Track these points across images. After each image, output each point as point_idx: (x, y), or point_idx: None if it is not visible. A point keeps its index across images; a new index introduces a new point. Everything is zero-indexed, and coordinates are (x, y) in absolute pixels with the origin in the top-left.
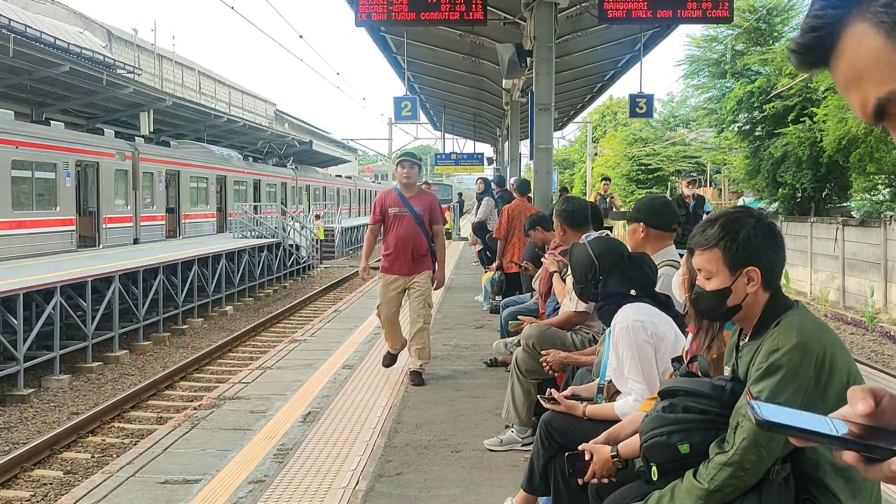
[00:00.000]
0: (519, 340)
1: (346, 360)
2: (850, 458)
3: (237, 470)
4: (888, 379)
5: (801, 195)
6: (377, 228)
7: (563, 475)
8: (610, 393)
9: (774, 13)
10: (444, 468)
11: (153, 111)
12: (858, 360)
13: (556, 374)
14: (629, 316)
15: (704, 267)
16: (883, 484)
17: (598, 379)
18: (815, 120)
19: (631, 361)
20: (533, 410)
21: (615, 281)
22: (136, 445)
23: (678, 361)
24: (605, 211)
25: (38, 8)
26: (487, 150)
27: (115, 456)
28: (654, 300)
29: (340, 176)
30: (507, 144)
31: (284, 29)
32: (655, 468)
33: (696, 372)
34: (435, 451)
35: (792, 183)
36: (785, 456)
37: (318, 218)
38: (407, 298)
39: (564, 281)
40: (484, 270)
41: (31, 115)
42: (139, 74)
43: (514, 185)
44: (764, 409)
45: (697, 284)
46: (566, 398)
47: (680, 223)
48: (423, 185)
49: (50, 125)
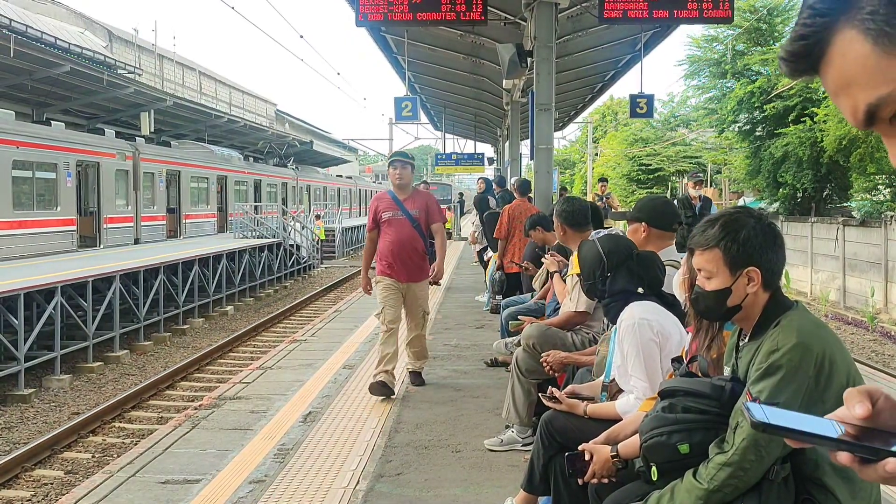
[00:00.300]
0: (519, 340)
1: (346, 360)
2: (845, 458)
3: (237, 470)
4: (888, 379)
5: (801, 195)
6: (375, 236)
7: (563, 475)
8: (613, 392)
9: (775, 13)
10: (444, 468)
11: (154, 111)
12: (859, 360)
13: (556, 374)
14: (636, 313)
15: (704, 267)
16: (883, 485)
17: (601, 377)
18: (815, 120)
19: (635, 359)
20: (533, 410)
21: (623, 278)
22: (136, 445)
23: (678, 361)
24: (603, 211)
25: (38, 8)
26: (488, 150)
27: (115, 456)
28: (661, 299)
29: (341, 176)
30: (507, 144)
31: (285, 29)
32: (655, 468)
33: (695, 372)
34: (435, 450)
35: (792, 183)
36: (784, 456)
37: (318, 218)
38: (405, 305)
39: (565, 281)
40: (483, 271)
41: (31, 115)
42: (140, 74)
43: (514, 185)
44: (759, 410)
45: (697, 284)
46: (567, 397)
47: (681, 223)
48: (422, 184)
49: (51, 125)
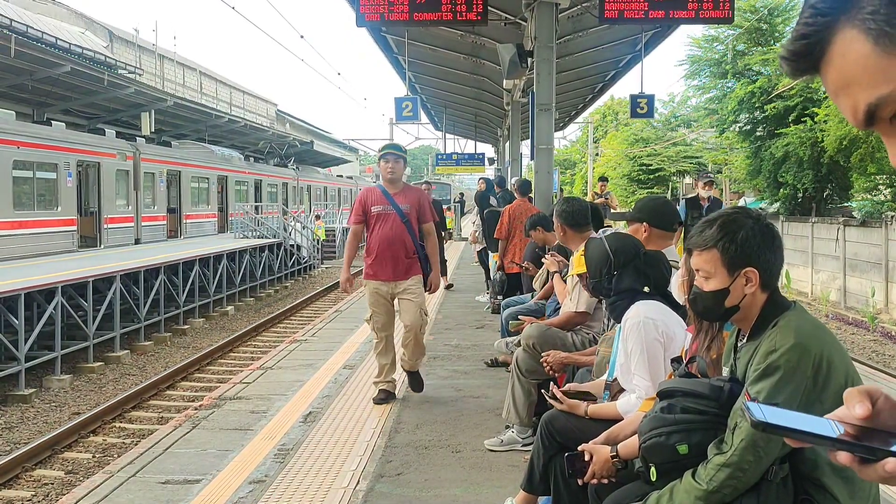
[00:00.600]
0: (519, 341)
1: (346, 360)
2: (844, 458)
3: (238, 470)
4: (888, 379)
5: (802, 195)
6: (360, 230)
7: (563, 475)
8: (615, 391)
9: (775, 13)
10: (444, 468)
11: (154, 111)
12: (859, 360)
13: (556, 374)
14: (641, 312)
15: (702, 267)
16: (882, 485)
17: (604, 376)
18: (816, 120)
19: (639, 358)
20: (533, 411)
21: (630, 277)
22: (136, 445)
23: (677, 362)
24: (602, 210)
25: (39, 8)
26: (489, 150)
27: (115, 456)
28: (666, 299)
29: (342, 176)
30: (508, 145)
31: (285, 29)
32: (654, 469)
33: (694, 372)
34: (435, 451)
35: (793, 183)
36: (783, 456)
37: (318, 218)
38: (398, 308)
39: (565, 281)
40: (484, 272)
41: (32, 115)
42: (140, 75)
43: (514, 185)
44: (759, 410)
45: (696, 285)
46: (566, 394)
47: (681, 223)
48: (424, 184)
49: (51, 125)
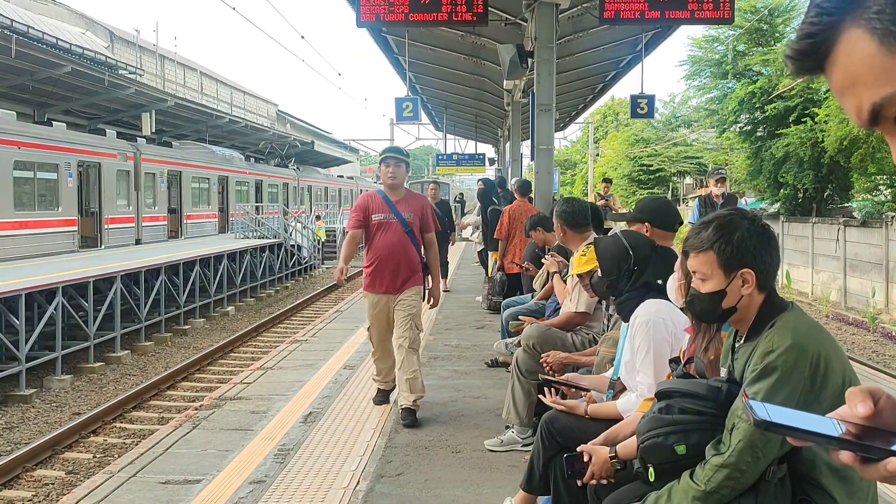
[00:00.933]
0: (519, 341)
1: (347, 360)
2: (846, 457)
3: (238, 470)
4: (889, 380)
5: (802, 196)
6: (359, 235)
7: (563, 476)
8: (619, 389)
9: (776, 14)
10: (444, 468)
11: (155, 112)
12: (859, 360)
13: (556, 374)
14: (652, 310)
15: (699, 269)
16: (879, 484)
17: (609, 372)
18: (816, 120)
19: (646, 356)
20: (533, 411)
21: (648, 273)
22: (137, 446)
23: (675, 362)
24: (603, 212)
25: (40, 9)
26: (489, 150)
27: (116, 456)
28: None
29: (342, 176)
30: (508, 145)
31: (286, 30)
32: (653, 469)
33: (692, 373)
34: (435, 451)
35: (793, 183)
36: (781, 457)
37: (318, 218)
38: (393, 317)
39: (565, 282)
40: (484, 272)
41: (33, 115)
42: (141, 75)
43: (514, 185)
44: (761, 408)
45: (692, 286)
46: (564, 382)
47: (682, 223)
48: (431, 183)
49: (52, 126)
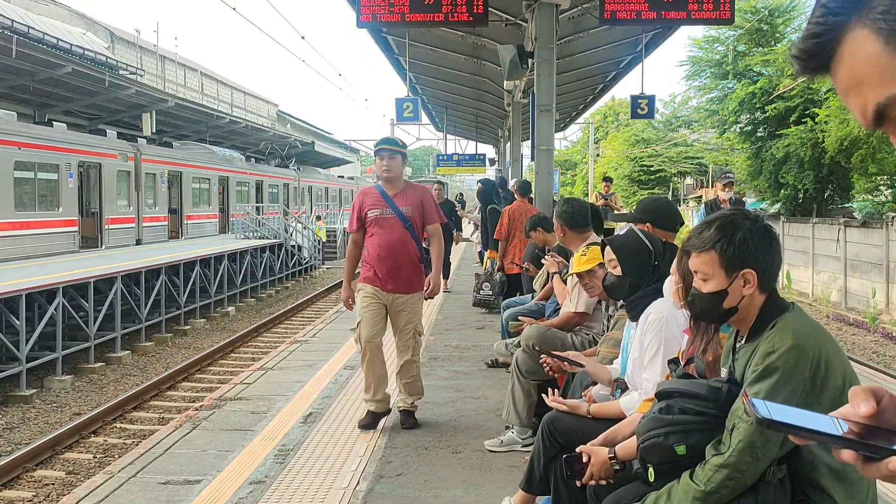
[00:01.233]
0: (519, 341)
1: (347, 360)
2: (848, 456)
3: (238, 470)
4: (889, 380)
5: (802, 196)
6: (359, 238)
7: (563, 476)
8: (625, 388)
9: (776, 14)
10: (444, 469)
11: (155, 112)
12: (860, 361)
13: (555, 375)
14: (665, 309)
15: (701, 269)
16: (879, 484)
17: (616, 362)
18: (816, 121)
19: (655, 354)
20: (533, 411)
21: (665, 267)
22: (137, 446)
23: (674, 363)
24: (604, 212)
25: (40, 9)
26: (490, 151)
27: (116, 456)
28: None
29: (343, 177)
30: (508, 145)
31: (286, 30)
32: (652, 469)
33: (692, 373)
34: (435, 451)
35: (794, 184)
36: (781, 457)
37: (319, 219)
38: (391, 323)
39: (565, 282)
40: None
41: (33, 116)
42: (142, 75)
43: (514, 186)
44: (764, 407)
45: (694, 286)
46: (564, 357)
47: (682, 223)
48: (435, 184)
49: (52, 126)
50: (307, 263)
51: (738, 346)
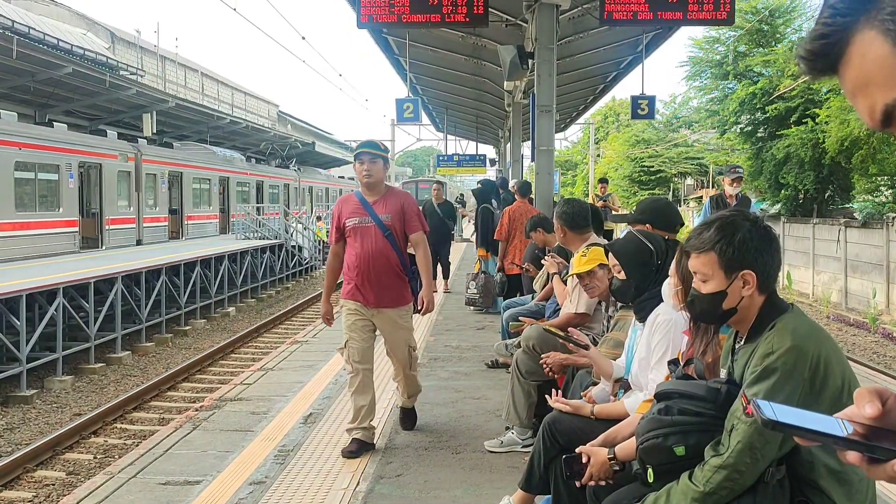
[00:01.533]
0: (519, 342)
1: None
2: (853, 458)
3: (238, 471)
4: (890, 381)
5: (803, 196)
6: (340, 249)
7: (563, 476)
8: (625, 389)
9: (776, 14)
10: (444, 469)
11: (156, 112)
12: (860, 361)
13: (555, 375)
14: (672, 310)
15: (700, 270)
16: (879, 485)
17: (621, 358)
18: (817, 121)
19: (663, 355)
20: (533, 412)
21: (669, 264)
22: (137, 446)
23: (674, 364)
24: (602, 213)
25: (41, 10)
26: (490, 151)
27: (116, 457)
28: None
29: (343, 177)
30: (509, 146)
31: (287, 31)
32: (651, 470)
33: (691, 375)
34: (435, 452)
35: (794, 184)
36: (780, 458)
37: (319, 219)
38: (380, 337)
39: (565, 283)
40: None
41: (34, 116)
42: (142, 76)
43: (515, 186)
44: (769, 408)
45: (693, 287)
46: (567, 336)
47: (682, 224)
48: (435, 184)
49: (53, 127)
50: (307, 264)
51: (737, 346)
